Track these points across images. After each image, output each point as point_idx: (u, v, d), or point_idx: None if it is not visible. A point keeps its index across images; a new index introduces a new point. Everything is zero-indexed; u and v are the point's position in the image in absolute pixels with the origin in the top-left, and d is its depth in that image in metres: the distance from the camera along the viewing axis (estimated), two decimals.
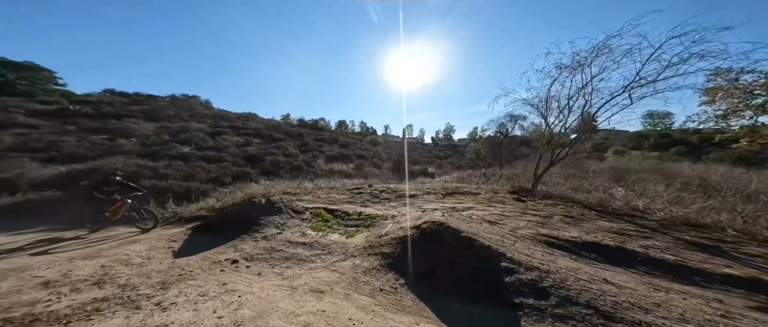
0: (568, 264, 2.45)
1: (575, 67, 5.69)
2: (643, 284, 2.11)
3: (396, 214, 4.37)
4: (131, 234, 4.49)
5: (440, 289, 2.36)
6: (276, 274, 2.77)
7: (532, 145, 10.43)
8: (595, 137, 9.68)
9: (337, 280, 2.59)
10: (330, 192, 6.25)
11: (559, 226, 3.50)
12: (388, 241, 3.25)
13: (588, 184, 6.03)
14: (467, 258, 2.57)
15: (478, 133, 25.46)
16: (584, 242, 3.00)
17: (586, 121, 6.05)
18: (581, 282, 2.05)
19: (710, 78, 5.66)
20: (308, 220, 4.63)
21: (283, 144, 15.93)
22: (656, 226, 3.66)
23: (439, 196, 5.48)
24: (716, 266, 2.49)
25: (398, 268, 2.79)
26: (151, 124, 16.10)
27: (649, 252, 2.75)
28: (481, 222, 3.57)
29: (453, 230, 2.92)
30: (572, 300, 1.84)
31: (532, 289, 2.03)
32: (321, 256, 3.28)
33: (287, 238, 3.84)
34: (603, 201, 4.81)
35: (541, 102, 6.33)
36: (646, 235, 3.26)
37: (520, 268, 2.27)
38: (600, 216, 4.01)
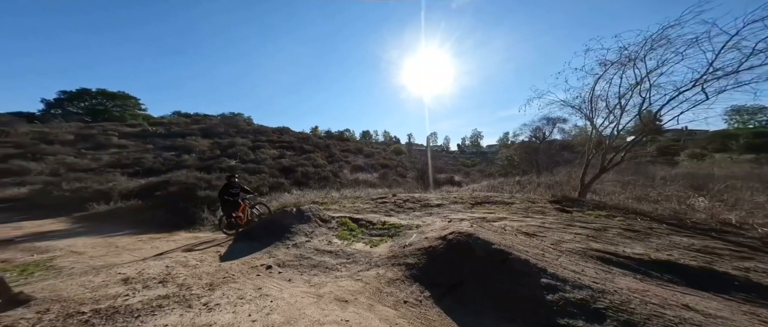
0: (630, 284, 2.04)
1: (624, 62, 5.02)
2: (742, 314, 1.63)
3: (421, 223, 4.23)
4: None
5: (469, 303, 2.16)
6: (304, 281, 2.87)
7: (575, 149, 9.22)
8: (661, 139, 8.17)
9: (361, 290, 2.57)
10: (355, 201, 6.37)
11: (617, 241, 2.97)
12: (413, 252, 3.15)
13: (656, 193, 5.06)
14: (500, 272, 2.33)
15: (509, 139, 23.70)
16: (654, 261, 2.48)
17: (645, 121, 5.20)
18: (650, 305, 1.68)
19: None
20: (334, 228, 4.74)
21: (312, 155, 17.02)
22: (758, 244, 2.85)
23: (467, 205, 5.15)
24: None
25: (423, 279, 2.66)
26: (207, 141, 18.79)
27: (749, 276, 2.14)
28: (516, 234, 3.24)
29: (483, 242, 2.70)
30: (637, 326, 1.51)
31: (581, 309, 1.73)
32: (346, 265, 3.30)
33: (315, 246, 3.97)
34: (678, 213, 3.96)
35: (583, 102, 5.67)
36: (744, 256, 2.56)
37: (566, 285, 1.97)
38: (674, 230, 3.30)
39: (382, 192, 7.57)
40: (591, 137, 5.87)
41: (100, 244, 4.82)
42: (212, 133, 21.54)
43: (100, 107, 31.08)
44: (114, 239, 5.20)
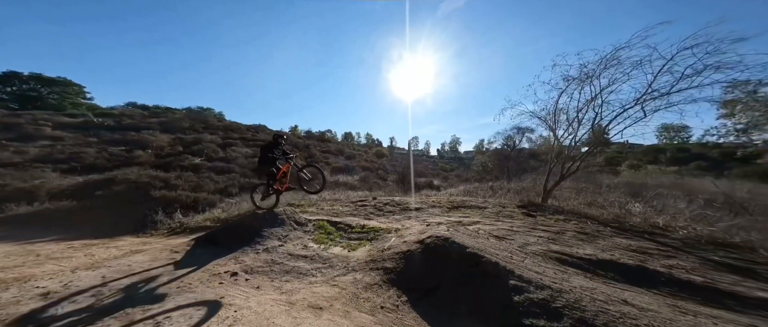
0: (582, 283, 2.30)
1: (583, 79, 5.65)
2: (667, 306, 1.94)
3: (400, 227, 4.28)
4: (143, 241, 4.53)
5: (445, 307, 2.24)
6: (275, 288, 2.72)
7: (540, 158, 10.23)
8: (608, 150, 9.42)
9: (337, 296, 2.51)
10: (334, 204, 6.24)
11: (572, 243, 3.33)
12: (391, 256, 3.18)
13: (602, 199, 5.78)
14: (474, 275, 2.46)
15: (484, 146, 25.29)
16: (600, 260, 2.82)
17: (597, 134, 5.92)
18: (598, 302, 1.91)
19: (727, 90, 5.48)
20: (311, 232, 4.60)
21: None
22: (679, 244, 3.41)
23: (445, 209, 5.36)
24: (749, 289, 2.27)
25: (401, 284, 2.69)
26: (167, 136, 16.90)
27: (672, 272, 2.55)
28: (488, 237, 3.45)
29: (458, 245, 2.83)
30: (588, 322, 1.70)
31: (543, 309, 1.90)
32: (322, 270, 3.21)
33: (288, 251, 3.80)
34: (619, 217, 4.57)
35: (548, 114, 6.27)
36: (669, 254, 3.04)
37: (530, 286, 2.14)
38: (616, 233, 3.80)
39: (362, 195, 7.53)
40: (553, 147, 6.51)
41: (16, 252, 4.05)
42: (175, 128, 19.44)
43: (32, 93, 26.20)
44: (36, 246, 4.40)
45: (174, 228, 5.68)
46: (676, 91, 4.87)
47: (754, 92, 9.49)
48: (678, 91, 4.86)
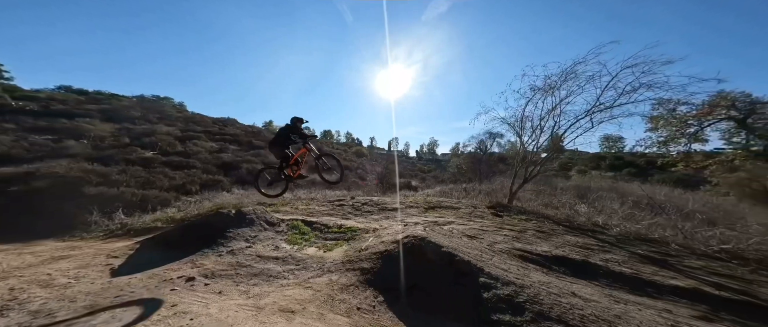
0: (540, 278, 2.56)
1: (547, 90, 6.24)
2: (605, 296, 2.27)
3: (378, 227, 4.30)
4: None
5: (420, 306, 2.31)
6: (241, 293, 2.54)
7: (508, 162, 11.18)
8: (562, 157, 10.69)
9: (311, 299, 2.43)
10: (310, 203, 6.03)
11: (532, 241, 3.69)
12: (369, 256, 3.17)
13: (556, 201, 6.51)
14: (448, 273, 2.58)
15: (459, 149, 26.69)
16: (554, 256, 3.17)
17: (554, 141, 6.62)
18: (552, 296, 2.14)
19: (655, 107, 6.50)
20: (284, 232, 4.40)
21: (264, 152, 15.29)
22: (614, 240, 4.01)
23: (422, 209, 5.53)
24: (664, 278, 2.76)
25: (378, 284, 2.71)
26: (110, 125, 14.62)
27: (608, 265, 2.98)
28: (461, 236, 3.64)
29: (434, 245, 2.93)
30: (545, 315, 1.91)
31: (508, 304, 2.08)
32: (294, 272, 3.09)
33: (258, 253, 3.59)
34: (569, 217, 5.20)
35: (516, 121, 6.83)
36: (606, 250, 3.55)
37: (498, 283, 2.32)
38: (567, 231, 4.31)
39: (340, 194, 7.39)
40: (519, 152, 7.13)
41: None
42: (121, 117, 16.87)
43: None
44: None
45: (113, 230, 4.94)
46: (618, 105, 5.65)
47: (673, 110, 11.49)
48: (619, 106, 5.65)
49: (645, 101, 5.51)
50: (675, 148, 12.84)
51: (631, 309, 2.10)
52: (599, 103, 5.76)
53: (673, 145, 12.78)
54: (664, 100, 5.63)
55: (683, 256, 3.50)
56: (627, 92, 5.48)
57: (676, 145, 12.82)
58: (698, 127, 12.12)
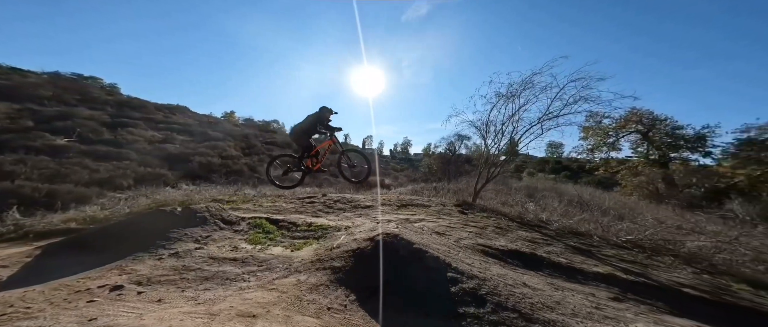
0: (499, 271, 2.86)
1: (509, 97, 6.85)
2: (548, 285, 2.65)
3: (350, 225, 4.25)
4: None
5: (392, 303, 2.37)
6: (188, 299, 2.26)
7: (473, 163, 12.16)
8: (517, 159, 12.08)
9: (276, 301, 2.29)
10: (276, 200, 5.62)
11: (491, 236, 4.08)
12: (340, 254, 3.13)
13: (511, 200, 7.32)
14: (419, 269, 2.69)
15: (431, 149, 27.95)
16: (509, 250, 3.57)
17: (512, 145, 7.37)
18: (508, 287, 2.41)
19: (587, 118, 7.64)
20: (244, 232, 4.06)
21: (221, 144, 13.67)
22: (554, 234, 4.70)
23: (394, 207, 5.64)
24: (589, 266, 3.36)
25: (350, 283, 2.69)
26: (4, 105, 11.40)
27: (550, 257, 3.49)
28: (431, 233, 3.83)
29: (406, 242, 3.02)
30: (503, 305, 2.14)
31: (472, 297, 2.26)
32: (257, 273, 2.88)
33: (211, 254, 3.24)
34: (521, 214, 5.90)
35: (482, 125, 7.41)
36: (548, 243, 4.15)
37: (464, 277, 2.51)
38: (519, 227, 4.89)
39: (311, 191, 7.06)
40: (483, 154, 7.76)
41: None
42: (24, 95, 13.28)
43: None
44: None
45: (3, 233, 3.89)
46: (563, 114, 6.49)
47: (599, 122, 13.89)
48: (563, 115, 6.49)
49: (582, 112, 6.39)
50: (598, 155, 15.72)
51: (567, 295, 2.50)
52: (549, 112, 6.54)
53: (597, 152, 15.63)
54: (594, 112, 6.59)
55: (602, 247, 4.30)
56: (570, 103, 6.30)
57: (599, 152, 15.69)
58: (615, 138, 15.04)
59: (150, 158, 9.37)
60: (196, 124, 16.30)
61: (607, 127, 14.15)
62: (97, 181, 6.64)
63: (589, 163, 16.21)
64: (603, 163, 15.71)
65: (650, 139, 14.27)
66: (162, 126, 14.24)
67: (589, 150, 15.60)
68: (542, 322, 1.97)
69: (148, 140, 11.33)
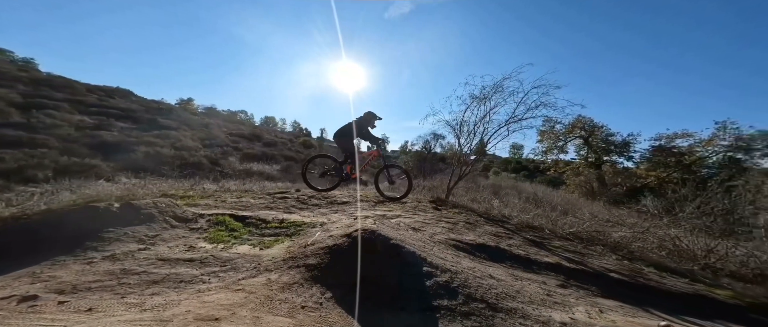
0: (469, 264, 3.07)
1: (482, 99, 7.29)
2: (510, 276, 2.95)
3: (326, 221, 4.14)
4: None
5: (370, 299, 2.39)
6: (130, 306, 2.00)
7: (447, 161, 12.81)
8: (485, 160, 13.07)
9: (243, 302, 2.13)
10: (243, 195, 5.17)
11: (462, 231, 4.36)
12: (315, 251, 3.05)
13: (479, 197, 7.91)
14: (396, 265, 2.74)
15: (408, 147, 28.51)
16: (477, 244, 3.87)
17: (482, 145, 7.91)
18: (477, 279, 2.61)
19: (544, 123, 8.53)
20: (202, 229, 3.72)
21: (174, 133, 12.01)
22: (514, 228, 5.23)
23: (371, 203, 5.64)
24: (542, 257, 3.82)
25: (325, 280, 2.64)
26: None
27: (511, 249, 3.88)
28: (407, 229, 3.93)
29: (383, 237, 3.06)
30: (472, 297, 2.31)
31: (445, 290, 2.40)
32: (220, 274, 2.66)
33: (160, 255, 2.91)
34: (488, 210, 6.42)
35: (457, 125, 7.78)
36: (510, 236, 4.60)
37: (438, 271, 2.64)
38: (486, 222, 5.32)
39: (283, 186, 6.64)
40: (456, 153, 8.19)
41: None
42: None
43: None
44: None
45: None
46: (525, 118, 7.15)
47: (552, 127, 15.69)
48: (526, 119, 7.15)
49: (541, 117, 7.12)
50: (550, 156, 17.91)
51: (525, 284, 2.81)
52: (514, 115, 7.14)
53: (550, 154, 17.78)
54: (550, 118, 7.40)
55: (551, 239, 4.92)
56: (532, 108, 6.95)
57: (551, 154, 17.87)
58: (564, 142, 17.27)
59: (77, 147, 7.77)
60: (142, 110, 13.96)
61: (559, 132, 16.13)
62: (1, 172, 5.27)
63: (543, 163, 18.40)
64: (553, 164, 17.94)
65: (589, 144, 16.67)
66: (95, 110, 11.94)
67: (544, 152, 17.68)
68: (506, 310, 2.19)
69: (75, 125, 9.36)
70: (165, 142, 10.10)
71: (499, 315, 2.11)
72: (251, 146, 15.18)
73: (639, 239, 5.17)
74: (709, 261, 4.47)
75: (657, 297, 3.12)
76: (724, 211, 5.53)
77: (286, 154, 15.92)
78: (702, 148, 13.24)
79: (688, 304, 3.05)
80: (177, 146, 10.11)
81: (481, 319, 2.07)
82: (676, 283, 3.56)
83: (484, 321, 2.06)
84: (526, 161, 26.16)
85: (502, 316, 2.11)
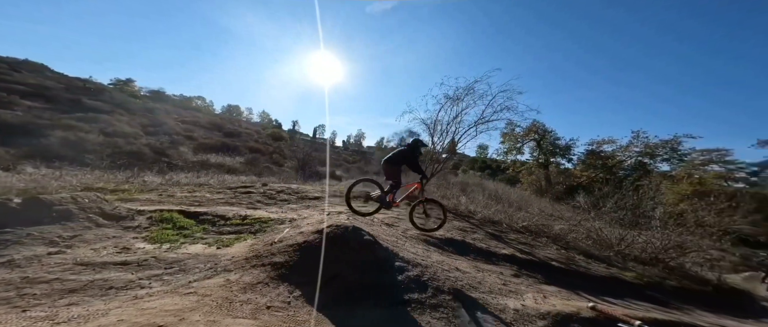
0: (438, 258, 3.24)
1: (455, 100, 7.65)
2: (473, 268, 3.20)
3: (296, 217, 3.93)
4: None
5: (342, 296, 2.36)
6: (34, 320, 1.70)
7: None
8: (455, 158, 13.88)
9: (194, 306, 1.94)
10: (196, 190, 4.60)
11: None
12: (284, 248, 2.89)
13: (449, 193, 8.37)
14: (369, 260, 2.75)
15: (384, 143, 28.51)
16: (446, 239, 4.09)
17: (453, 144, 8.34)
18: (445, 272, 2.77)
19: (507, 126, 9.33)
20: (141, 228, 3.28)
21: (106, 117, 10.01)
22: (478, 223, 5.68)
23: (345, 198, 5.53)
24: (500, 249, 4.24)
25: (294, 278, 2.53)
26: None
27: (475, 243, 4.20)
28: (381, 224, 3.96)
29: (357, 234, 3.03)
30: (441, 289, 2.44)
31: (416, 283, 2.49)
32: (163, 277, 2.38)
33: (79, 259, 2.52)
34: (456, 206, 6.84)
35: (431, 123, 8.04)
36: (474, 231, 4.98)
37: (409, 265, 2.72)
38: (454, 217, 5.66)
39: (248, 180, 6.06)
40: (430, 151, 8.49)
41: None
42: None
43: None
44: None
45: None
46: (492, 120, 7.73)
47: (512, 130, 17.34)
48: (492, 121, 7.74)
49: (504, 119, 7.80)
50: (510, 157, 19.88)
51: (486, 275, 3.09)
52: (483, 116, 7.68)
53: (510, 155, 19.72)
54: (510, 121, 8.17)
55: (508, 232, 5.48)
56: (498, 110, 7.56)
57: (510, 155, 19.83)
58: (521, 144, 19.30)
59: None
60: (59, 89, 11.18)
61: (517, 135, 17.94)
62: None
63: (504, 163, 20.35)
64: (512, 163, 19.96)
65: (541, 147, 18.92)
66: None
67: (505, 153, 19.53)
68: (470, 300, 2.37)
69: None
70: (92, 126, 8.28)
71: (464, 306, 2.29)
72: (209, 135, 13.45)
73: (573, 231, 6.10)
74: (621, 248, 5.52)
75: (585, 281, 3.74)
76: (632, 206, 6.87)
77: (251, 146, 14.57)
78: (621, 152, 16.18)
79: (605, 286, 3.72)
80: (108, 132, 8.39)
81: (448, 311, 2.21)
82: (597, 268, 4.30)
83: (451, 312, 2.20)
84: (490, 161, 28.58)
85: (467, 306, 2.28)
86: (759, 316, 3.98)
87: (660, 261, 5.16)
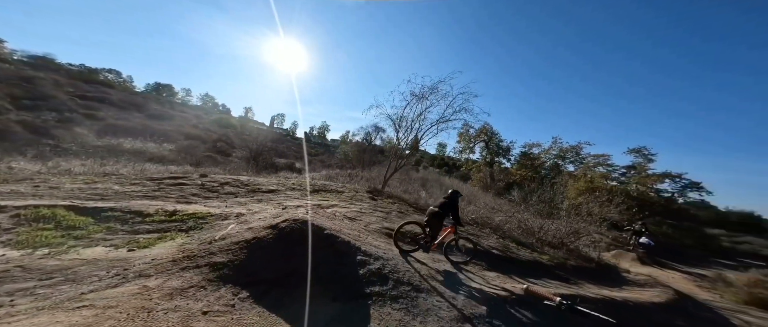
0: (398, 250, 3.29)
1: (420, 98, 7.85)
2: (430, 259, 3.37)
3: (244, 212, 3.46)
4: None
5: (299, 293, 2.17)
6: None
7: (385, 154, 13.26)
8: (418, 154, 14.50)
9: (90, 323, 1.60)
10: (98, 180, 3.58)
11: (395, 220, 4.64)
12: (227, 247, 2.53)
13: (411, 188, 8.68)
14: (329, 255, 2.60)
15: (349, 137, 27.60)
16: (408, 232, 4.19)
17: (416, 141, 8.62)
18: (405, 264, 2.83)
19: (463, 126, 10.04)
20: (3, 230, 2.45)
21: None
22: None
23: (304, 192, 5.13)
24: None
25: (240, 279, 2.23)
26: None
27: None
28: (343, 218, 3.81)
29: (316, 228, 2.84)
30: (401, 281, 2.48)
31: (378, 276, 2.47)
32: (35, 291, 1.89)
33: None
34: (417, 200, 7.14)
35: (397, 119, 8.10)
36: None
37: (371, 259, 2.68)
38: (415, 211, 5.89)
39: (180, 170, 4.99)
40: (394, 146, 8.60)
41: None
42: None
43: None
44: None
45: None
46: (452, 119, 8.20)
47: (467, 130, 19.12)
48: (452, 120, 8.23)
49: (461, 120, 8.38)
50: (464, 155, 21.95)
51: (441, 265, 3.29)
52: (443, 116, 8.10)
53: (463, 153, 21.76)
54: (466, 122, 8.83)
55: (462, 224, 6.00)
56: (457, 111, 8.07)
57: (465, 154, 21.89)
58: (474, 144, 21.50)
59: None
60: None
61: (471, 135, 19.88)
62: None
63: (459, 161, 22.36)
64: (465, 162, 22.09)
65: (488, 147, 21.43)
66: None
67: (460, 151, 21.45)
68: (427, 291, 2.47)
69: None
70: None
71: (422, 295, 2.37)
72: (124, 116, 10.59)
73: (508, 222, 7.10)
74: (540, 235, 6.70)
75: (516, 266, 4.38)
76: (549, 200, 8.42)
77: (187, 132, 12.11)
78: (544, 155, 19.72)
79: (529, 269, 4.44)
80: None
81: (407, 301, 2.25)
82: (524, 254, 5.10)
83: (410, 302, 2.25)
84: (448, 158, 30.98)
85: (424, 295, 2.38)
86: (621, 284, 5.38)
87: (564, 245, 6.44)
